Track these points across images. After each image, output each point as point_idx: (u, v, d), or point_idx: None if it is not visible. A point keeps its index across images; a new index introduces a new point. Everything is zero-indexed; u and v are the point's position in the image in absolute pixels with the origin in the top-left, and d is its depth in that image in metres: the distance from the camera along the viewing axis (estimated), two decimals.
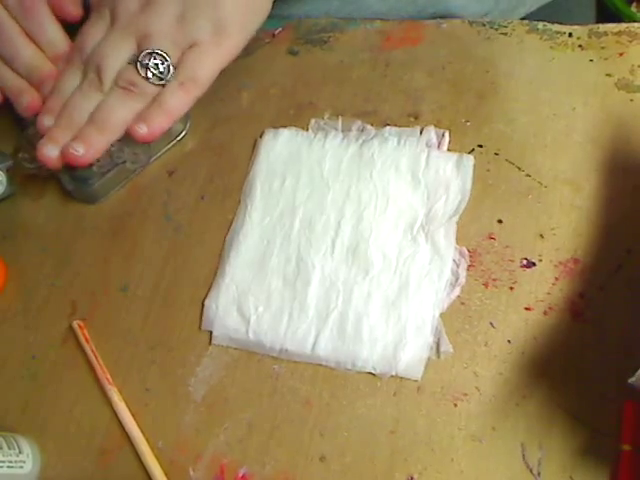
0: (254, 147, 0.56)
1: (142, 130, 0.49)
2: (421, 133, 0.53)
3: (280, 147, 0.55)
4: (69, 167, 0.51)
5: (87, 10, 0.54)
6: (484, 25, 0.56)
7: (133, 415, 0.49)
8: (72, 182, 0.56)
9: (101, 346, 0.52)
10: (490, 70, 0.54)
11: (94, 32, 0.51)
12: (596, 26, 0.54)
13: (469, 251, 0.48)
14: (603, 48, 0.52)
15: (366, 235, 0.50)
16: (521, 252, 0.47)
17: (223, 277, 0.51)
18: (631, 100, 0.50)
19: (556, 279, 0.46)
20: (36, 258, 0.57)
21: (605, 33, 0.53)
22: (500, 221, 0.49)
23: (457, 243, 0.48)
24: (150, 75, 0.49)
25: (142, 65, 0.48)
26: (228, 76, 0.56)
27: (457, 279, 0.48)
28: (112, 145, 0.53)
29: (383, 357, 0.46)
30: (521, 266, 0.47)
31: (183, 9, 0.48)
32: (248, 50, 0.60)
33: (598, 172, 0.48)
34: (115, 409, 0.49)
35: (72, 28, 0.54)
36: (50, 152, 0.50)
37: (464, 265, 0.48)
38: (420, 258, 0.48)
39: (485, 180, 0.50)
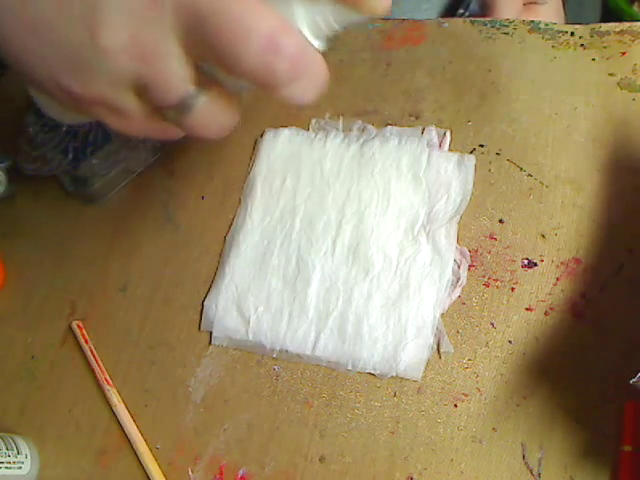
0: (254, 147, 0.56)
1: None
2: (422, 133, 0.53)
3: (280, 147, 0.55)
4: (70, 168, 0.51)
5: None
6: (485, 24, 0.56)
7: (132, 416, 0.49)
8: (73, 183, 0.56)
9: (100, 346, 0.51)
10: (491, 69, 0.54)
11: None
12: (598, 25, 0.53)
13: (470, 251, 0.48)
14: (605, 47, 0.52)
15: (367, 235, 0.50)
16: (522, 252, 0.47)
17: (223, 277, 0.51)
18: (633, 99, 0.50)
19: (557, 279, 0.46)
20: (35, 258, 0.57)
21: (607, 32, 0.53)
22: (501, 221, 0.48)
23: (458, 243, 0.48)
24: None
25: None
26: None
27: (458, 279, 0.47)
28: (113, 146, 0.53)
29: (383, 358, 0.46)
30: (522, 266, 0.47)
31: None
32: None
33: (600, 172, 0.48)
34: (114, 410, 0.49)
35: None
36: None
37: (465, 265, 0.48)
38: (421, 258, 0.48)
39: (486, 180, 0.50)
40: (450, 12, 0.71)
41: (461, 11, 0.69)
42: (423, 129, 0.53)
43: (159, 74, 0.33)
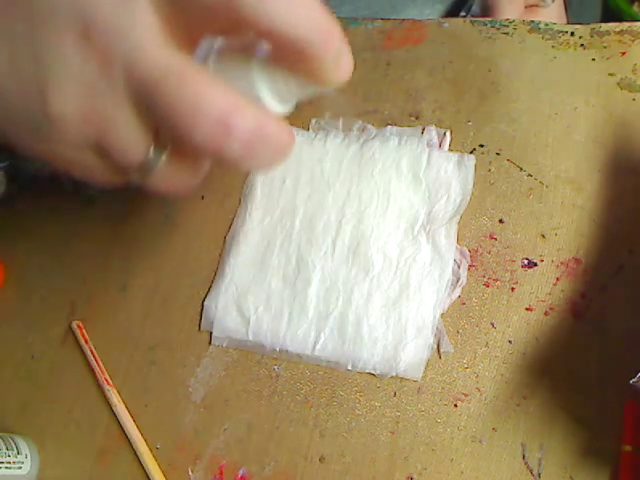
0: None
1: None
2: (422, 133, 0.53)
3: None
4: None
5: None
6: (485, 24, 0.56)
7: (132, 416, 0.49)
8: (72, 183, 0.56)
9: (100, 346, 0.51)
10: (491, 69, 0.54)
11: None
12: (598, 25, 0.53)
13: (470, 251, 0.48)
14: (605, 47, 0.52)
15: (367, 235, 0.50)
16: (522, 252, 0.47)
17: (223, 277, 0.51)
18: (633, 99, 0.50)
19: (557, 279, 0.46)
20: (35, 258, 0.57)
21: (607, 32, 0.53)
22: (501, 221, 0.48)
23: (458, 243, 0.48)
24: None
25: None
26: None
27: (458, 279, 0.47)
28: None
29: (383, 358, 0.46)
30: (522, 266, 0.47)
31: None
32: None
33: (600, 172, 0.48)
34: (114, 410, 0.49)
35: None
36: None
37: (465, 265, 0.47)
38: (421, 258, 0.48)
39: (486, 180, 0.50)
40: (452, 15, 0.71)
41: (463, 14, 0.69)
42: (423, 129, 0.53)
43: (114, 141, 0.33)
